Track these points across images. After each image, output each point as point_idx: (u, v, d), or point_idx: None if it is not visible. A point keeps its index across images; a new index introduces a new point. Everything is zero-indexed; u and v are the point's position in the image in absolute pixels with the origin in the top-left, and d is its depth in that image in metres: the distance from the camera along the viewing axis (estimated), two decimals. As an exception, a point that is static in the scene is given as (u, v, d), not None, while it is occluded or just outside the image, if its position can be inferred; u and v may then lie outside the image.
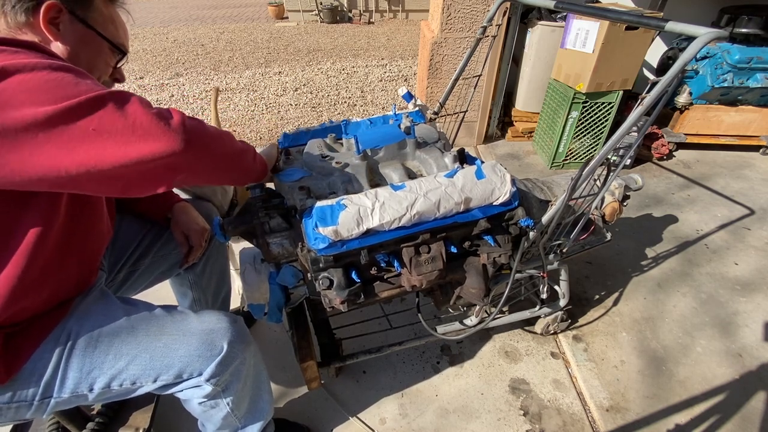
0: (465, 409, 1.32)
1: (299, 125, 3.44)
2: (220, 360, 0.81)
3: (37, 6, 0.68)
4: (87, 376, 0.75)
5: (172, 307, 0.88)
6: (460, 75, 1.42)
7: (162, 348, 0.79)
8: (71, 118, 0.55)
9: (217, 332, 0.83)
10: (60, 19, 0.71)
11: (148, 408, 1.19)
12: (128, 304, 0.86)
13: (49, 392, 0.74)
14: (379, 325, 1.44)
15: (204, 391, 0.84)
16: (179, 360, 0.79)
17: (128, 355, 0.77)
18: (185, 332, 0.81)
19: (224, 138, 0.74)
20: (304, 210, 0.87)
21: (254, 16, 8.78)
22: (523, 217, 1.00)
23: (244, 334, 0.88)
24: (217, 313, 0.88)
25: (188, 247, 1.11)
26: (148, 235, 1.10)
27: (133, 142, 0.58)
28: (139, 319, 0.82)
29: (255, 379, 0.96)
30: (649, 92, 0.79)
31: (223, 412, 0.90)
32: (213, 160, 0.72)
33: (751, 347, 1.50)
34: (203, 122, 0.69)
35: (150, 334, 0.80)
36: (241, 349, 0.86)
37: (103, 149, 0.57)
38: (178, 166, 0.64)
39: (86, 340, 0.76)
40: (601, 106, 2.35)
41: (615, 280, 1.79)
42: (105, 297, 0.86)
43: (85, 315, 0.80)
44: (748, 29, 2.38)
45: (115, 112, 0.57)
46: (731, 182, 2.49)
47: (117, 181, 0.62)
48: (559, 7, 1.07)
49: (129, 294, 1.12)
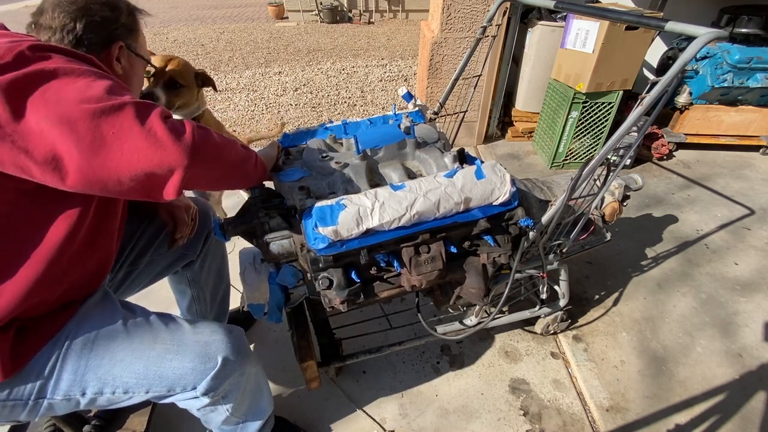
0: (465, 409, 1.32)
1: (299, 125, 3.44)
2: (214, 374, 0.80)
3: (105, 46, 0.81)
4: (81, 379, 0.75)
5: (168, 315, 0.87)
6: (460, 75, 1.42)
7: (155, 358, 0.78)
8: (96, 121, 0.59)
9: (211, 345, 0.82)
10: (121, 54, 0.83)
11: (144, 411, 1.18)
12: (127, 309, 0.85)
13: (43, 392, 0.74)
14: (379, 325, 1.44)
15: (201, 402, 0.83)
16: (172, 372, 0.78)
17: (123, 361, 0.77)
18: (179, 343, 0.81)
19: (229, 148, 0.76)
20: (304, 210, 0.87)
21: (254, 16, 8.78)
22: (522, 217, 1.00)
23: (241, 346, 0.87)
24: (213, 324, 0.87)
25: (173, 224, 1.11)
26: (146, 233, 1.10)
27: (145, 148, 0.61)
28: (135, 325, 0.81)
29: (255, 385, 0.96)
30: (649, 92, 0.79)
31: (222, 416, 0.90)
32: (218, 172, 0.74)
33: (751, 347, 1.50)
34: (210, 132, 0.71)
35: (145, 342, 0.79)
36: (239, 362, 0.85)
37: (121, 154, 0.60)
38: (185, 176, 0.66)
39: (83, 342, 0.76)
40: (601, 106, 2.35)
41: (615, 280, 1.79)
42: (105, 299, 0.86)
43: (85, 317, 0.80)
44: (748, 29, 2.38)
45: (135, 121, 0.61)
46: (731, 182, 2.49)
47: (126, 186, 0.64)
48: (559, 7, 1.07)
49: (129, 292, 1.12)
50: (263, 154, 0.97)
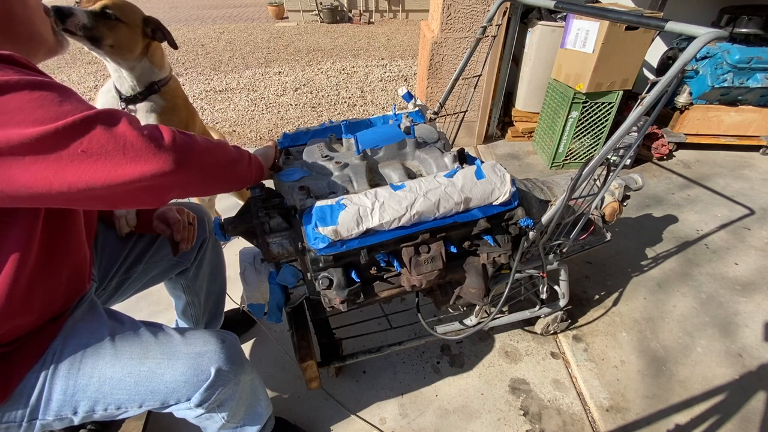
0: (465, 409, 1.32)
1: (299, 125, 3.44)
2: (207, 385, 0.79)
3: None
4: (71, 399, 0.74)
5: (158, 325, 0.85)
6: (460, 75, 1.42)
7: (146, 372, 0.76)
8: (59, 140, 0.55)
9: (204, 356, 0.80)
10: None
11: (141, 416, 1.17)
12: (114, 321, 0.83)
13: (35, 414, 0.73)
14: (379, 325, 1.44)
15: (196, 413, 0.82)
16: (164, 386, 0.77)
17: (112, 379, 0.75)
18: (170, 356, 0.79)
19: (216, 150, 0.72)
20: (304, 210, 0.87)
21: (254, 16, 8.78)
22: (522, 217, 1.00)
23: (234, 355, 0.85)
24: (206, 333, 0.85)
25: (170, 232, 1.08)
26: (139, 242, 1.08)
27: (124, 163, 0.58)
28: (123, 339, 0.79)
29: (251, 393, 0.95)
30: (649, 92, 0.79)
31: (218, 423, 0.89)
32: (205, 176, 0.71)
33: (751, 347, 1.50)
34: (193, 137, 0.67)
35: (134, 358, 0.77)
36: (233, 371, 0.83)
37: (94, 171, 0.57)
38: (170, 185, 0.64)
39: (70, 362, 0.74)
40: (601, 106, 2.35)
41: (615, 280, 1.79)
42: (92, 312, 0.83)
43: (71, 333, 0.77)
44: (748, 29, 2.38)
45: (104, 134, 0.57)
46: (731, 182, 2.49)
47: (107, 199, 0.61)
48: (559, 7, 1.07)
49: (122, 299, 1.11)
50: (260, 154, 0.95)
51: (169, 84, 1.34)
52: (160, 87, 1.30)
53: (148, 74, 1.27)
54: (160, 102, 1.31)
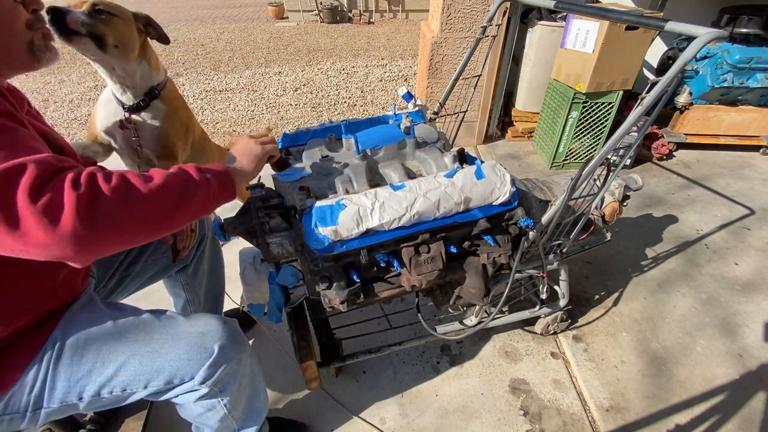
0: (465, 410, 1.32)
1: (299, 125, 3.44)
2: (211, 362, 0.80)
3: None
4: (75, 385, 0.74)
5: (161, 311, 0.87)
6: (460, 75, 1.42)
7: (151, 353, 0.78)
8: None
9: (207, 335, 0.82)
10: None
11: (140, 415, 1.17)
12: (115, 310, 0.84)
13: (39, 403, 0.74)
14: (379, 325, 1.44)
15: (199, 393, 0.83)
16: (169, 364, 0.78)
17: (116, 361, 0.76)
18: (174, 336, 0.80)
19: (156, 195, 0.62)
20: (304, 210, 0.87)
21: (254, 16, 8.77)
22: (522, 217, 1.01)
23: (236, 336, 0.87)
24: (208, 315, 0.87)
25: (172, 238, 1.09)
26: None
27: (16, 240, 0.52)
28: (126, 324, 0.80)
29: (251, 379, 0.95)
30: (649, 92, 0.79)
31: (219, 414, 0.90)
32: (134, 230, 0.61)
33: (751, 347, 1.50)
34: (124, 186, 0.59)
35: (138, 340, 0.78)
36: (235, 350, 0.85)
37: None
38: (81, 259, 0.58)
39: (72, 349, 0.75)
40: (601, 106, 2.35)
41: (615, 280, 1.79)
42: (91, 304, 0.84)
43: (71, 324, 0.78)
44: (748, 29, 2.38)
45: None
46: (731, 182, 2.49)
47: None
48: (559, 7, 1.07)
49: (121, 297, 1.11)
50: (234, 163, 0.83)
51: (167, 87, 1.36)
52: (160, 91, 1.32)
53: (147, 78, 1.28)
54: (162, 107, 1.33)
